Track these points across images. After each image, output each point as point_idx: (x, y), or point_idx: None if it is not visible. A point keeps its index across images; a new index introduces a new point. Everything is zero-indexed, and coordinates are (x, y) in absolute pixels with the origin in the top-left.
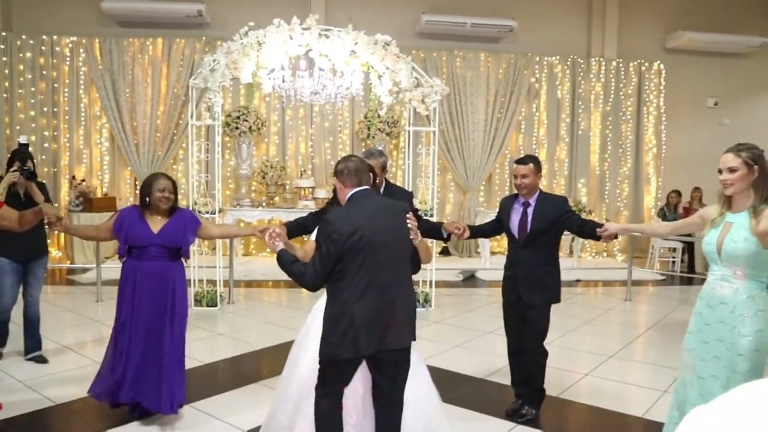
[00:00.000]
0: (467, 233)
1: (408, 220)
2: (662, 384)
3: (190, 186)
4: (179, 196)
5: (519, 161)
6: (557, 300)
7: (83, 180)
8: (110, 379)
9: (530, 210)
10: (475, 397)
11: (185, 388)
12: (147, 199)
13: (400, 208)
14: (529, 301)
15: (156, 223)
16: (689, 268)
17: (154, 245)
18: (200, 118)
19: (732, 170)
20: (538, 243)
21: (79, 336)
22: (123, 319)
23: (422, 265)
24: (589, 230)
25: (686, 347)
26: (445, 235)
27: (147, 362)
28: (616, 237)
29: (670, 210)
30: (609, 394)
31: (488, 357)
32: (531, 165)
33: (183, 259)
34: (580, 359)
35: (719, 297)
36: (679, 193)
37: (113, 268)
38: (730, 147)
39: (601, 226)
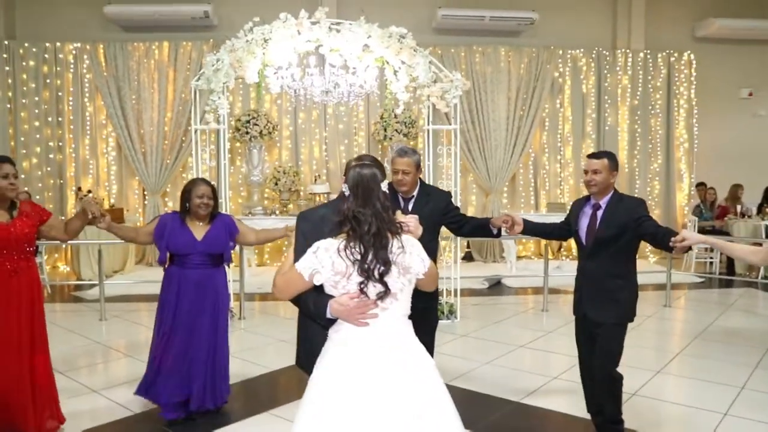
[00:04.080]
0: (519, 227)
1: (401, 217)
2: (721, 405)
3: None
4: None
5: (592, 155)
6: (630, 319)
7: (89, 191)
8: (156, 383)
9: (600, 213)
10: (511, 425)
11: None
12: (187, 205)
13: None
14: (594, 319)
15: (198, 230)
16: (728, 270)
17: (197, 252)
18: (205, 123)
19: None
20: (606, 252)
21: (75, 359)
22: (167, 326)
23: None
24: (661, 239)
25: None
26: (494, 232)
27: (193, 368)
28: (690, 249)
29: (706, 207)
30: (663, 418)
31: (523, 375)
32: (605, 160)
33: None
34: (624, 375)
35: None
36: (706, 187)
37: (120, 284)
38: None
39: (675, 234)
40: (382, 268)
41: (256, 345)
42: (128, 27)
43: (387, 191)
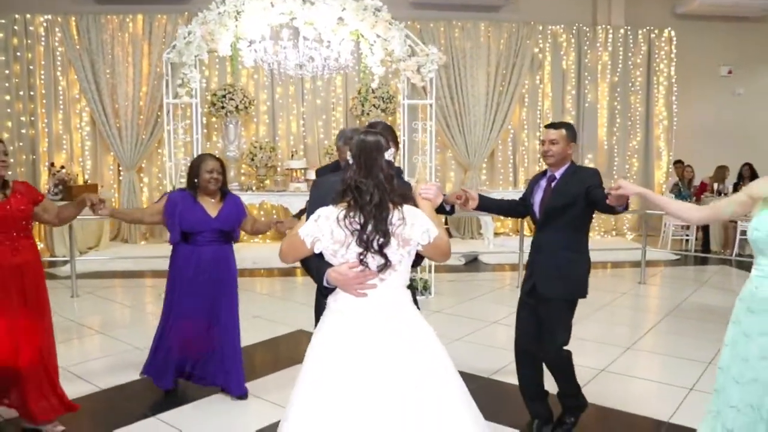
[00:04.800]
0: (473, 203)
1: (422, 184)
2: (688, 380)
3: (167, 170)
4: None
5: (549, 125)
6: (581, 295)
7: (63, 167)
8: (164, 363)
9: (554, 185)
10: (479, 401)
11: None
12: (195, 181)
13: None
14: (544, 293)
15: (211, 207)
16: (704, 247)
17: (211, 229)
18: (177, 97)
19: None
20: (557, 223)
21: None
22: (179, 305)
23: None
24: (604, 202)
25: (720, 365)
26: (447, 208)
27: (207, 345)
28: (626, 207)
29: (684, 185)
30: (627, 394)
31: (494, 352)
32: (563, 130)
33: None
34: (591, 352)
35: (766, 300)
36: (684, 164)
37: (94, 260)
38: None
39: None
40: (382, 239)
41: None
42: None
43: (392, 159)
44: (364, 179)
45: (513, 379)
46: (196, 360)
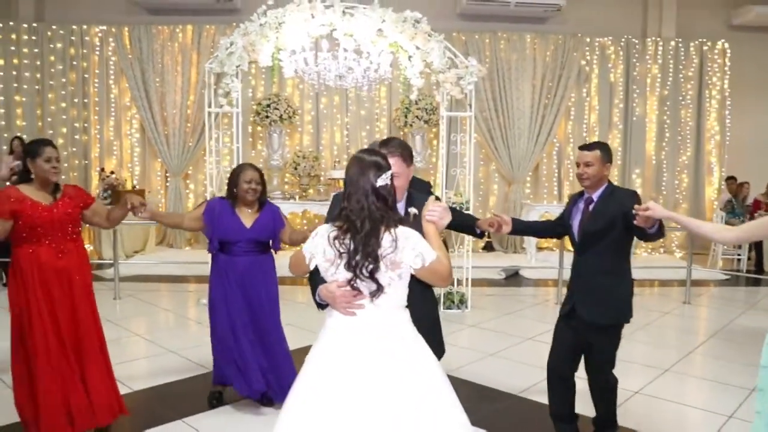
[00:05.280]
0: (507, 228)
1: (429, 205)
2: (727, 407)
3: (208, 178)
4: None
5: (583, 147)
6: (625, 319)
7: (112, 172)
8: (236, 369)
9: (592, 207)
10: (507, 418)
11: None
12: (234, 191)
13: None
14: (585, 319)
15: (247, 217)
16: (757, 267)
17: (245, 240)
18: (218, 106)
19: None
20: (596, 247)
21: None
22: (221, 314)
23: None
24: (634, 223)
25: (760, 386)
26: (477, 232)
27: (255, 355)
28: (660, 233)
29: (738, 203)
30: (662, 419)
31: (526, 369)
32: (597, 152)
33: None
34: (631, 372)
35: None
36: (736, 181)
37: (138, 264)
38: None
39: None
40: (371, 266)
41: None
42: (153, 10)
43: (388, 183)
44: (354, 206)
45: (542, 398)
46: (244, 368)
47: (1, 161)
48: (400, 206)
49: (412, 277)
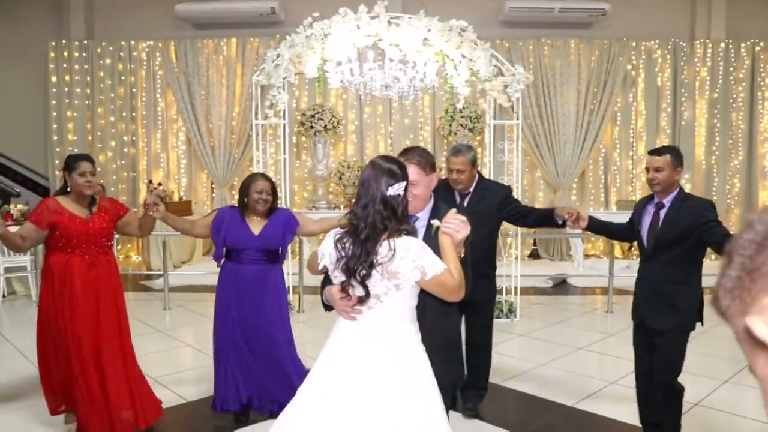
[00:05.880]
0: (583, 223)
1: (449, 217)
2: None
3: None
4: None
5: (653, 151)
6: (692, 327)
7: (160, 183)
8: (223, 389)
9: (663, 212)
10: (561, 429)
11: None
12: (245, 200)
13: None
14: (652, 326)
15: (256, 225)
16: None
17: (253, 248)
18: (265, 117)
19: None
20: (667, 255)
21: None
22: (224, 325)
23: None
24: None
25: None
26: (559, 222)
27: (258, 367)
28: None
29: None
30: (726, 431)
31: (579, 379)
32: (668, 156)
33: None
34: (688, 383)
35: None
36: None
37: (186, 275)
38: None
39: None
40: (364, 272)
41: (315, 338)
42: (198, 24)
43: (400, 194)
44: (360, 211)
45: (597, 409)
46: (256, 385)
47: None
48: (423, 216)
49: (429, 293)
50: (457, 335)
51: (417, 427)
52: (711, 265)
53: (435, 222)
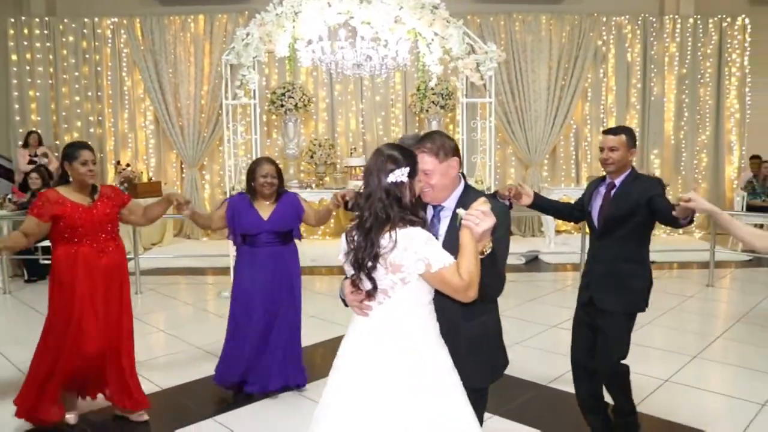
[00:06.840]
0: (528, 199)
1: (476, 205)
2: (759, 395)
3: (226, 170)
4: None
5: (608, 131)
6: (640, 308)
7: (128, 164)
8: (233, 364)
9: (614, 192)
10: (536, 410)
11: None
12: (252, 185)
13: None
14: (602, 306)
15: (265, 210)
16: None
17: (265, 231)
18: (235, 98)
19: None
20: (617, 233)
21: None
22: (241, 305)
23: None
24: (669, 213)
25: None
26: (507, 203)
27: (268, 345)
28: (691, 221)
29: (759, 183)
30: (694, 407)
31: (554, 358)
32: (623, 136)
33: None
34: (655, 361)
35: None
36: (761, 160)
37: (157, 258)
38: None
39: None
40: (370, 263)
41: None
42: (164, 0)
43: (403, 181)
44: (364, 201)
45: (571, 387)
46: (255, 363)
47: None
48: (450, 205)
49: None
50: (491, 333)
51: (425, 423)
52: (689, 241)
53: (460, 211)
